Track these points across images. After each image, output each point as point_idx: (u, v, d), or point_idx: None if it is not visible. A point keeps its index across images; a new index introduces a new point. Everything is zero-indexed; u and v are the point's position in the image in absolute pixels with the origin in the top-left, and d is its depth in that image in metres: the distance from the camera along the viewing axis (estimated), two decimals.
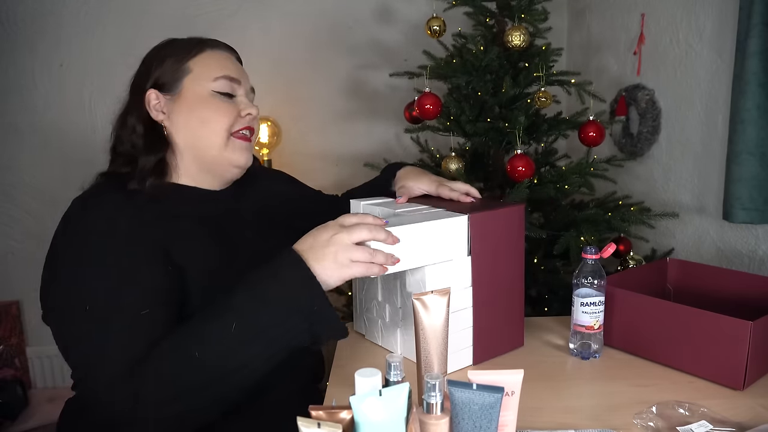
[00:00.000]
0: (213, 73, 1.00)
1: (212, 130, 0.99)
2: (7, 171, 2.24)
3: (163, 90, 1.00)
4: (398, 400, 0.64)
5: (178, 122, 1.00)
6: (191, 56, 1.01)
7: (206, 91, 1.00)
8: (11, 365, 2.25)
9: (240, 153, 1.02)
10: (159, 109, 1.00)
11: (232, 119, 1.01)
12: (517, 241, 1.07)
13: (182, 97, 1.00)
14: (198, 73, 1.00)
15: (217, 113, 1.00)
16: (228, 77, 1.01)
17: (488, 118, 1.74)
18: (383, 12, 2.47)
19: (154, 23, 2.25)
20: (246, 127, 1.03)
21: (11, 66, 2.18)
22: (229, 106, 1.01)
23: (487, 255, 1.02)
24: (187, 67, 1.00)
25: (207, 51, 1.02)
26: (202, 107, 0.99)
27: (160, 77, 1.00)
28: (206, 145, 1.00)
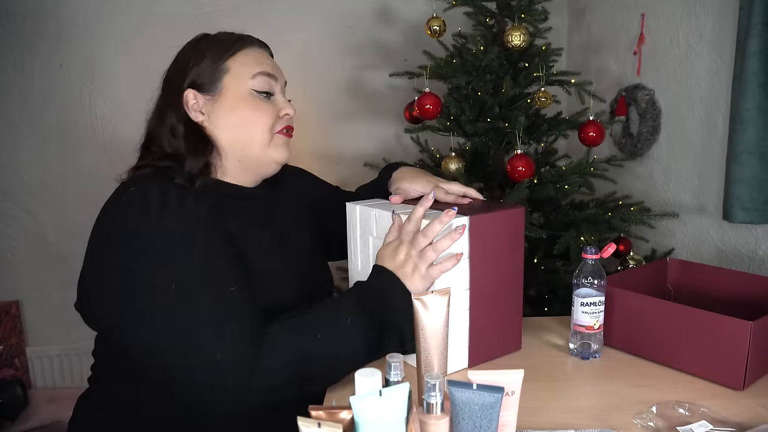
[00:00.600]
0: (251, 69, 1.01)
1: (255, 131, 1.01)
2: (6, 170, 2.24)
3: (202, 90, 1.00)
4: (398, 400, 0.64)
5: (219, 122, 1.00)
6: (229, 55, 1.00)
7: (246, 90, 1.00)
8: (11, 365, 2.25)
9: (282, 149, 1.05)
10: (197, 109, 1.00)
11: (273, 119, 1.02)
12: (517, 243, 1.06)
13: (222, 97, 1.00)
14: (237, 71, 1.00)
15: (258, 113, 1.01)
16: (266, 73, 1.02)
17: (488, 118, 1.74)
18: (383, 12, 2.47)
19: (155, 23, 2.25)
20: (287, 125, 1.06)
21: (11, 66, 2.18)
22: (269, 107, 1.02)
23: (486, 258, 1.01)
24: (226, 66, 1.00)
25: (245, 48, 1.03)
26: (243, 107, 1.00)
27: (198, 77, 1.00)
28: (250, 144, 1.01)
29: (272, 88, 1.04)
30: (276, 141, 1.04)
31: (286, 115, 1.05)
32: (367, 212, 1.08)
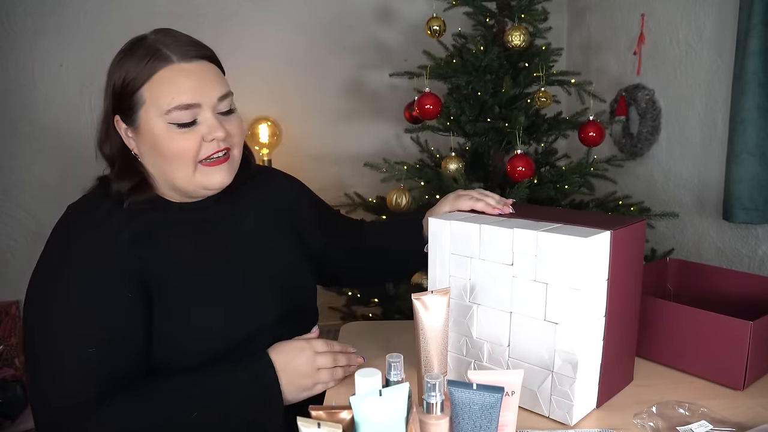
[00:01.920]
0: (165, 103, 0.88)
1: (175, 167, 0.91)
2: (6, 170, 2.24)
3: (125, 119, 0.93)
4: (398, 400, 0.64)
5: (143, 154, 0.94)
6: (143, 80, 0.89)
7: (161, 126, 0.89)
8: (11, 365, 2.25)
9: (212, 177, 0.93)
10: (129, 135, 0.94)
11: (195, 150, 0.90)
12: (640, 260, 0.94)
13: (141, 131, 0.92)
14: (150, 104, 0.89)
15: (176, 146, 0.90)
16: (181, 107, 0.88)
17: (488, 118, 1.74)
18: (383, 12, 2.47)
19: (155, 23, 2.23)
20: (215, 151, 0.92)
21: (11, 65, 2.18)
22: (191, 136, 0.90)
23: (619, 279, 0.87)
24: (141, 97, 0.90)
25: (160, 71, 0.89)
26: (161, 142, 0.90)
27: (120, 102, 0.92)
28: (173, 179, 0.93)
29: (195, 115, 0.90)
30: (202, 171, 0.92)
31: (213, 140, 0.91)
32: (466, 228, 0.91)
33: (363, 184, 2.32)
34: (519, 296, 0.85)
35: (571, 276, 0.79)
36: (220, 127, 0.91)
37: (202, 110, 0.90)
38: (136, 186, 0.93)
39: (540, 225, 0.86)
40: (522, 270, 0.85)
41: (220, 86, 0.93)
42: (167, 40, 0.91)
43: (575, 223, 0.86)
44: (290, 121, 2.40)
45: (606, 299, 0.84)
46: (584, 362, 0.82)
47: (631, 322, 0.94)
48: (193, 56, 0.91)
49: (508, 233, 0.85)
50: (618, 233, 0.83)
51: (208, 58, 0.94)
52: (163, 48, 0.90)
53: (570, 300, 0.80)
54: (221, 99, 0.93)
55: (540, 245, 0.82)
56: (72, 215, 0.95)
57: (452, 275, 0.94)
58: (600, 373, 0.86)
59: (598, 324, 0.84)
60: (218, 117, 0.92)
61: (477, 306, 0.91)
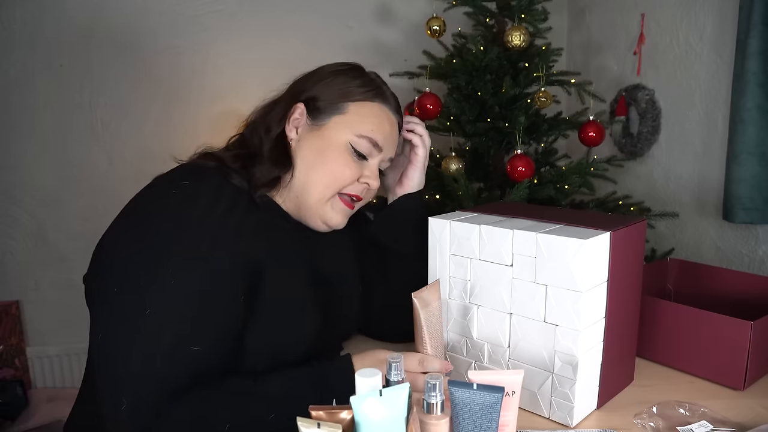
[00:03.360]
0: (362, 127, 0.95)
1: (326, 181, 0.94)
2: (7, 171, 2.23)
3: (311, 112, 0.96)
4: (398, 400, 0.64)
5: (302, 152, 0.95)
6: (356, 99, 0.96)
7: (344, 142, 0.94)
8: (11, 365, 2.25)
9: (336, 214, 0.96)
10: (296, 125, 0.96)
11: (351, 180, 0.95)
12: (640, 260, 0.94)
13: (321, 131, 0.95)
14: (350, 119, 0.95)
15: (341, 167, 0.94)
16: (372, 141, 0.96)
17: (488, 118, 1.73)
18: (383, 12, 2.47)
19: (155, 23, 2.24)
20: (357, 195, 0.97)
21: (11, 66, 2.18)
22: (356, 167, 0.95)
23: (619, 279, 0.87)
24: (344, 107, 0.95)
25: (375, 102, 0.98)
26: (331, 153, 0.94)
27: (318, 97, 0.96)
28: (310, 191, 0.94)
29: (371, 154, 0.97)
30: (335, 204, 0.96)
31: (364, 184, 0.97)
32: (466, 229, 0.91)
33: None
34: (519, 297, 0.85)
35: (570, 277, 0.79)
36: (377, 180, 0.99)
37: (376, 155, 0.98)
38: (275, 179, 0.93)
39: (540, 226, 0.86)
40: (522, 271, 0.85)
41: (395, 149, 1.04)
42: (386, 89, 1.02)
43: (575, 223, 0.86)
44: None
45: (606, 300, 0.84)
46: (584, 364, 0.82)
47: (631, 323, 0.94)
48: (397, 112, 1.03)
49: (508, 234, 0.85)
50: (617, 234, 0.83)
51: (400, 122, 1.05)
52: (383, 89, 1.00)
53: (570, 302, 0.80)
54: (390, 159, 1.03)
55: (539, 246, 0.82)
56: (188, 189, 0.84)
57: (452, 276, 0.94)
58: (600, 374, 0.87)
59: (598, 325, 0.84)
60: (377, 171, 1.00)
61: (477, 307, 0.91)
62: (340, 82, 0.96)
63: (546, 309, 0.83)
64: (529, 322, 0.85)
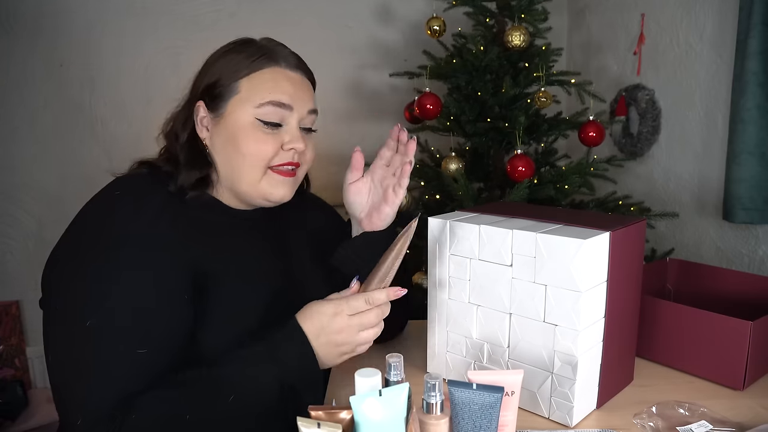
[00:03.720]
0: (261, 96, 0.89)
1: (248, 164, 0.90)
2: (7, 171, 2.24)
3: (210, 106, 0.92)
4: (398, 400, 0.64)
5: (217, 146, 0.93)
6: (246, 73, 0.91)
7: (249, 119, 0.90)
8: (11, 365, 2.25)
9: (277, 188, 0.92)
10: (205, 124, 0.93)
11: (273, 153, 0.90)
12: (640, 260, 0.93)
13: (224, 120, 0.91)
14: (245, 96, 0.90)
15: (255, 145, 0.89)
16: (276, 103, 0.90)
17: (488, 118, 1.74)
18: (383, 12, 2.47)
19: (154, 23, 2.25)
20: (288, 162, 0.92)
21: (11, 66, 2.18)
22: (272, 138, 0.90)
23: (619, 279, 0.86)
24: (236, 87, 0.90)
25: (266, 68, 0.91)
26: (242, 137, 0.89)
27: (210, 89, 0.92)
28: (239, 179, 0.91)
29: (283, 118, 0.91)
30: (271, 178, 0.92)
31: (291, 150, 0.92)
32: (466, 229, 0.91)
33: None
34: (518, 297, 0.85)
35: (570, 277, 0.79)
36: (301, 140, 0.92)
37: (291, 116, 0.92)
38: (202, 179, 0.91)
39: (539, 226, 0.86)
40: (521, 271, 0.85)
41: (312, 101, 0.97)
42: (278, 48, 0.95)
43: (575, 223, 0.86)
44: None
45: (605, 300, 0.84)
46: (584, 364, 0.82)
47: (631, 323, 0.94)
48: (298, 68, 0.96)
49: (508, 234, 0.85)
50: (617, 234, 0.83)
51: (308, 76, 0.99)
52: (274, 51, 0.94)
53: (569, 301, 0.80)
54: (310, 113, 0.96)
55: (539, 246, 0.82)
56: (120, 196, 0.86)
57: (452, 275, 0.93)
58: (600, 374, 0.86)
59: (598, 325, 0.84)
60: (301, 130, 0.94)
61: (477, 307, 0.91)
62: (226, 64, 0.92)
63: (545, 309, 0.83)
64: (528, 322, 0.85)
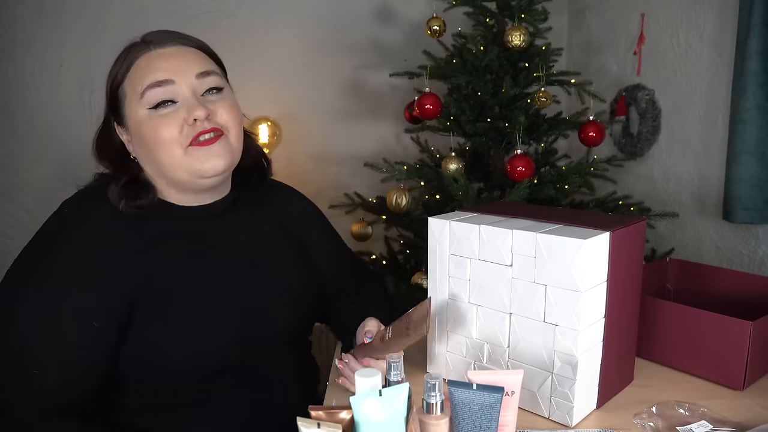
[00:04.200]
0: (139, 87, 0.85)
1: (163, 153, 0.86)
2: (6, 171, 2.24)
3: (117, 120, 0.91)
4: (398, 400, 0.64)
5: (139, 153, 0.91)
6: (125, 74, 0.88)
7: (141, 113, 0.86)
8: None
9: (203, 161, 0.86)
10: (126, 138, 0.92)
11: (177, 131, 0.85)
12: (640, 260, 0.93)
13: (129, 127, 0.89)
14: (130, 94, 0.87)
15: (157, 132, 0.85)
16: (153, 84, 0.85)
17: (488, 118, 1.73)
18: (383, 12, 2.47)
19: (155, 23, 2.24)
20: (200, 132, 0.86)
21: (11, 66, 2.18)
22: (169, 119, 0.85)
23: (619, 279, 0.86)
24: (123, 91, 0.88)
25: (138, 58, 0.87)
26: (144, 131, 0.86)
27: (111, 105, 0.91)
28: (165, 169, 0.88)
29: (173, 94, 0.86)
30: (192, 153, 0.86)
31: (194, 121, 0.85)
32: (466, 229, 0.90)
33: (363, 184, 2.31)
34: (518, 297, 0.85)
35: (570, 277, 0.79)
36: (199, 106, 0.85)
37: (180, 89, 0.86)
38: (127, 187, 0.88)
39: (539, 226, 0.86)
40: (521, 271, 0.85)
41: (199, 63, 0.89)
42: (151, 35, 0.90)
43: (575, 223, 0.86)
44: (290, 121, 2.40)
45: (605, 300, 0.84)
46: (584, 364, 0.82)
47: (631, 323, 0.94)
48: (176, 42, 0.89)
49: (508, 234, 0.85)
50: (617, 234, 0.83)
51: (193, 45, 0.91)
52: (145, 39, 0.89)
53: (569, 301, 0.80)
54: (201, 76, 0.88)
55: (539, 246, 0.82)
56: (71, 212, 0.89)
57: (452, 276, 0.93)
58: (600, 374, 0.86)
59: (598, 325, 0.84)
60: (200, 98, 0.87)
61: (477, 307, 0.91)
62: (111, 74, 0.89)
63: (546, 309, 0.83)
64: (528, 322, 0.85)
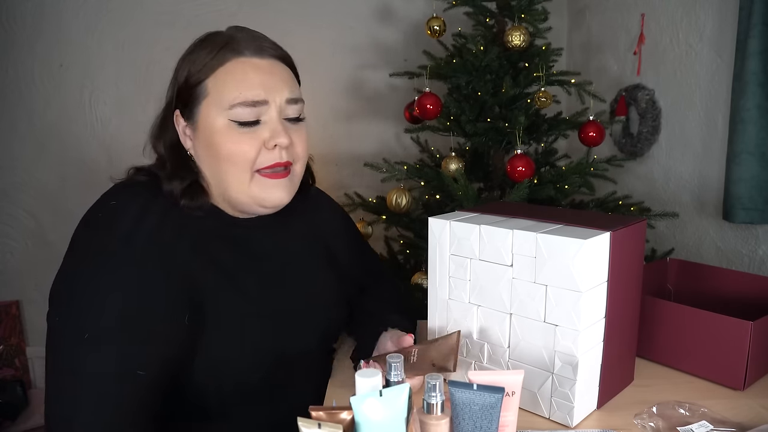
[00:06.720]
0: (227, 97, 0.81)
1: (232, 169, 0.83)
2: (7, 171, 2.24)
3: (185, 113, 0.86)
4: (398, 400, 0.64)
5: (200, 155, 0.86)
6: (210, 71, 0.83)
7: (222, 123, 0.82)
8: (11, 365, 2.25)
9: (270, 192, 0.85)
10: (187, 134, 0.87)
11: (254, 152, 0.83)
12: (640, 260, 0.93)
13: (199, 128, 0.84)
14: (214, 98, 0.82)
15: (234, 147, 0.82)
16: (246, 103, 0.81)
17: (488, 118, 1.73)
18: (383, 12, 2.47)
19: (154, 23, 2.24)
20: (276, 163, 0.84)
21: (11, 66, 2.18)
22: (250, 138, 0.82)
23: (620, 279, 0.86)
24: (204, 89, 0.83)
25: (229, 63, 0.83)
26: (219, 142, 0.82)
27: (181, 95, 0.85)
28: (226, 186, 0.85)
29: (259, 114, 0.83)
30: (260, 182, 0.84)
31: (275, 147, 0.83)
32: (466, 229, 0.90)
33: (363, 184, 2.32)
34: (519, 298, 0.85)
35: (570, 277, 0.79)
36: (284, 134, 0.83)
37: (268, 110, 0.83)
38: (189, 188, 0.84)
39: (540, 226, 0.86)
40: (522, 271, 0.85)
41: (291, 88, 0.86)
42: (241, 35, 0.86)
43: (575, 223, 0.86)
44: None
45: (606, 300, 0.84)
46: (584, 364, 0.82)
47: (631, 323, 0.94)
48: (269, 54, 0.86)
49: (508, 234, 0.85)
50: (617, 234, 0.83)
51: (282, 58, 0.88)
52: (235, 40, 0.84)
53: (570, 302, 0.80)
54: (290, 102, 0.86)
55: (539, 247, 0.82)
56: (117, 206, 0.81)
57: (452, 276, 0.93)
58: (600, 374, 0.86)
59: (598, 325, 0.84)
60: (284, 123, 0.85)
61: (477, 307, 0.91)
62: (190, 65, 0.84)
63: (546, 309, 0.83)
64: (529, 322, 0.85)
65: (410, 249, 1.91)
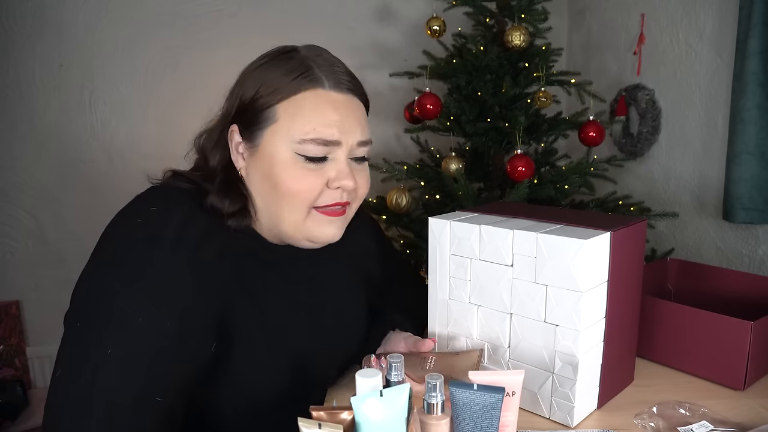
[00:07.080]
0: (300, 130, 0.76)
1: (289, 204, 0.79)
2: (7, 171, 2.23)
3: (244, 133, 0.80)
4: (399, 400, 0.64)
5: (253, 179, 0.81)
6: (282, 97, 0.77)
7: (287, 154, 0.77)
8: (11, 365, 2.25)
9: (324, 229, 0.81)
10: (240, 152, 0.81)
11: (317, 192, 0.79)
12: (640, 260, 0.93)
13: (260, 152, 0.79)
14: (282, 125, 0.77)
15: (296, 184, 0.77)
16: (320, 141, 0.77)
17: (488, 118, 1.74)
18: (383, 12, 2.47)
19: (154, 23, 2.24)
20: (336, 203, 0.80)
21: (11, 66, 2.18)
22: (314, 175, 0.78)
23: (620, 280, 0.86)
24: (273, 114, 0.77)
25: (306, 92, 0.77)
26: (279, 173, 0.77)
27: (244, 112, 0.79)
28: (279, 220, 0.81)
29: (329, 152, 0.79)
30: (315, 218, 0.81)
31: (338, 188, 0.80)
32: (466, 229, 0.89)
33: None
34: (519, 298, 0.85)
35: (571, 277, 0.79)
36: (350, 176, 0.80)
37: (338, 150, 0.79)
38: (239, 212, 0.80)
39: (540, 226, 0.86)
40: (522, 271, 0.85)
41: (363, 129, 0.82)
42: (321, 61, 0.80)
43: (575, 223, 0.86)
44: None
45: (606, 300, 0.84)
46: (585, 364, 0.82)
47: (631, 323, 0.94)
48: (347, 88, 0.81)
49: (508, 234, 0.85)
50: (618, 234, 0.83)
51: (359, 94, 0.84)
52: (315, 67, 0.79)
53: (570, 302, 0.80)
54: (361, 144, 0.82)
55: (540, 246, 0.82)
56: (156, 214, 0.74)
57: (452, 276, 0.93)
58: (600, 374, 0.86)
59: (599, 325, 0.84)
60: (351, 163, 0.82)
61: (477, 307, 0.91)
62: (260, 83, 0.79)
63: (546, 309, 0.83)
64: (529, 322, 0.85)
65: (410, 249, 1.91)
